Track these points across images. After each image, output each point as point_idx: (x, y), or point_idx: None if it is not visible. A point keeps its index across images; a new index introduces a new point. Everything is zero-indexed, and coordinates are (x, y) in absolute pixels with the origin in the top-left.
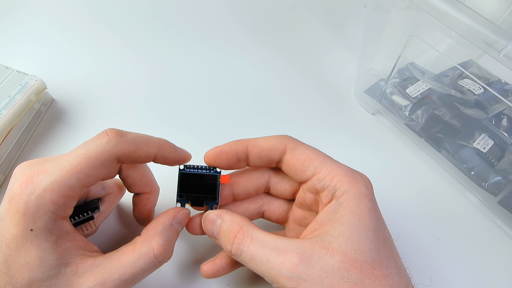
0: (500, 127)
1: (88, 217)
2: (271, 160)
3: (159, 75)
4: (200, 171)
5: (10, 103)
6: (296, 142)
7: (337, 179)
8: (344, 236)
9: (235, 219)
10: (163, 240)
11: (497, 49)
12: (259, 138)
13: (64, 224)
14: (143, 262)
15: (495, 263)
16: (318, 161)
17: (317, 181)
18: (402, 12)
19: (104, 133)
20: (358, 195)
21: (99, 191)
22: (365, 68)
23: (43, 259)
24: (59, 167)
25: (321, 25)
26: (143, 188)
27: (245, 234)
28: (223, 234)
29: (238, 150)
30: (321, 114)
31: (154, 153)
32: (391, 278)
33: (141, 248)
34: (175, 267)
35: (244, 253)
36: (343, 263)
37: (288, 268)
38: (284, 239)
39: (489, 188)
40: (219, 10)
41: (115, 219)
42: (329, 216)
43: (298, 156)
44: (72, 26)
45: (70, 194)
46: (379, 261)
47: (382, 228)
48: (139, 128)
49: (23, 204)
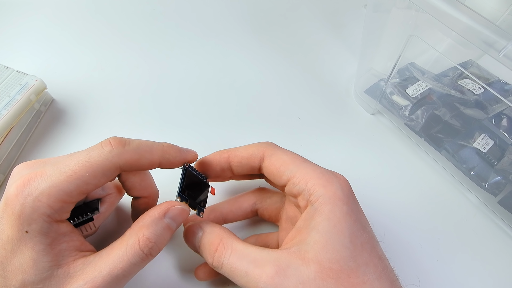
0: (500, 127)
1: (87, 218)
2: (252, 168)
3: (159, 75)
4: (200, 176)
5: (10, 103)
6: (274, 149)
7: (311, 183)
8: (319, 245)
9: (215, 231)
10: (150, 232)
11: (497, 49)
12: (240, 147)
13: (60, 227)
14: (130, 254)
15: (495, 263)
16: (294, 165)
17: (292, 185)
18: (402, 12)
19: (107, 142)
20: (333, 198)
21: (98, 192)
22: (365, 68)
23: (37, 261)
24: (59, 172)
25: (321, 25)
26: (142, 192)
27: (225, 246)
28: (203, 247)
29: (220, 160)
30: (321, 114)
31: (158, 160)
32: (369, 284)
33: (128, 239)
34: (175, 266)
35: (225, 266)
36: (319, 273)
37: (265, 280)
38: (262, 250)
39: (489, 188)
40: (219, 10)
41: (115, 221)
42: (306, 222)
43: (274, 162)
44: (72, 26)
45: (67, 200)
46: (355, 268)
47: (360, 233)
48: (139, 128)
49: (19, 206)
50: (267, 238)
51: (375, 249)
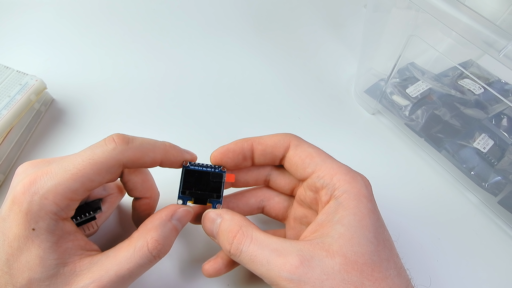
0: (500, 127)
1: (90, 217)
2: (275, 157)
3: (160, 75)
4: (205, 169)
5: (10, 103)
6: (299, 140)
7: (337, 178)
8: (344, 238)
9: (235, 219)
10: (158, 234)
11: (497, 49)
12: (264, 136)
13: (66, 225)
14: (138, 256)
15: (495, 263)
16: (319, 159)
17: (317, 178)
18: (402, 12)
19: (111, 139)
20: (358, 195)
21: (100, 192)
22: (365, 68)
23: (43, 259)
24: (64, 170)
25: (321, 25)
26: (143, 193)
27: (244, 234)
28: (222, 233)
29: (244, 147)
30: (321, 114)
31: (160, 158)
32: (391, 280)
33: (136, 242)
34: (175, 266)
35: (244, 254)
36: (344, 265)
37: (289, 270)
38: (284, 241)
39: (489, 188)
40: (220, 11)
41: (116, 221)
42: (329, 216)
43: (300, 153)
44: (72, 26)
45: (73, 197)
46: (379, 263)
47: (382, 230)
48: (139, 128)
49: (26, 204)
50: (274, 234)
51: (394, 247)
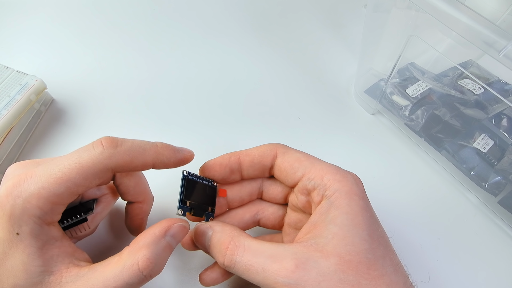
0: (500, 127)
1: (81, 219)
2: (264, 168)
3: (159, 74)
4: (202, 181)
5: (10, 103)
6: (286, 147)
7: (327, 178)
8: (338, 238)
9: (225, 230)
10: (150, 253)
11: (497, 49)
12: (251, 148)
13: (51, 230)
14: (126, 275)
15: (495, 263)
16: (308, 162)
17: (307, 180)
18: (402, 12)
19: (99, 143)
20: (349, 193)
21: (94, 192)
22: (365, 68)
23: (27, 265)
24: (49, 173)
25: (321, 25)
26: (136, 196)
27: (237, 245)
28: (214, 246)
29: (230, 160)
30: (321, 114)
31: (151, 161)
32: (388, 277)
33: (126, 260)
34: (173, 272)
35: (238, 264)
36: (339, 265)
37: (285, 275)
38: (278, 245)
39: (489, 188)
40: (219, 10)
41: (110, 225)
42: (321, 216)
43: (288, 159)
44: (72, 26)
45: (58, 201)
46: (374, 261)
47: (376, 227)
48: (139, 128)
49: (9, 207)
50: (272, 240)
51: (389, 243)
